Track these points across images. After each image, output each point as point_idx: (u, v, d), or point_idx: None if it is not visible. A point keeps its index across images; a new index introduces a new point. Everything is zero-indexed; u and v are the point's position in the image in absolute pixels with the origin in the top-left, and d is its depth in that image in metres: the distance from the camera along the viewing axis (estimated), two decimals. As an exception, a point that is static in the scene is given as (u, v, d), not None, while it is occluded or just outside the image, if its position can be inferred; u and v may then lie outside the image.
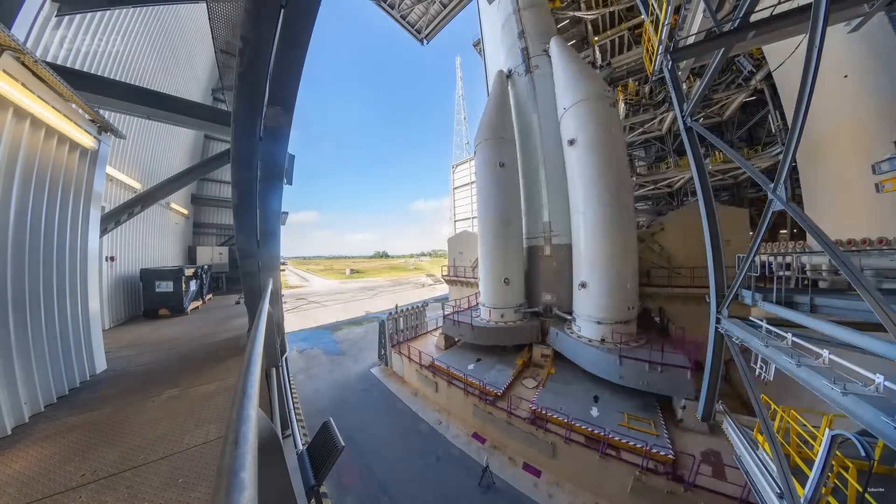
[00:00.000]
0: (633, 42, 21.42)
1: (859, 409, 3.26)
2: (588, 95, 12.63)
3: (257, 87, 2.98)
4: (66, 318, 4.47)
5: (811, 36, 4.46)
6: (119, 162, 10.79)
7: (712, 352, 7.02)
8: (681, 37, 7.91)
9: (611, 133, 12.35)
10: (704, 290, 11.03)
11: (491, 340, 14.52)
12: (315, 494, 3.31)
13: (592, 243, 11.98)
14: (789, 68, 7.10)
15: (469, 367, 13.67)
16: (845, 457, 4.13)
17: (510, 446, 10.32)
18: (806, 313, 5.01)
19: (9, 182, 3.55)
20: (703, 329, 10.76)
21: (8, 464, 2.76)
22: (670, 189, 25.39)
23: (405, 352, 16.19)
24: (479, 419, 11.36)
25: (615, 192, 11.77)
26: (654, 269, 13.46)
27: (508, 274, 14.80)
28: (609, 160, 12.00)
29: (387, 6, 21.47)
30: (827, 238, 4.32)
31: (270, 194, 4.00)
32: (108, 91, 5.22)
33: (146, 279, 10.48)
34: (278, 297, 5.08)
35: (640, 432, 8.61)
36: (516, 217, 15.66)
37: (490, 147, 15.52)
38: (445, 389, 13.13)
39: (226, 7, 5.89)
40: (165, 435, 3.22)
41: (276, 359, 4.43)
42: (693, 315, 12.08)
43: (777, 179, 5.05)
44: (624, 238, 11.76)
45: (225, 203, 22.24)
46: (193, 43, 16.93)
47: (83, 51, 8.08)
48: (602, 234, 11.80)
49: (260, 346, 1.67)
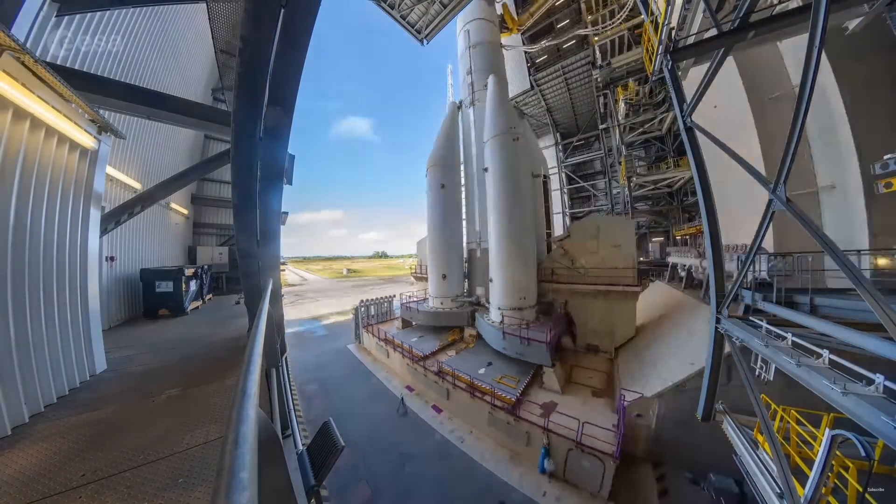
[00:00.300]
0: (633, 42, 21.43)
1: (859, 409, 3.26)
2: (498, 132, 15.55)
3: (257, 87, 2.98)
4: (66, 318, 4.47)
5: (811, 36, 4.46)
6: (119, 162, 10.79)
7: (712, 352, 7.01)
8: (681, 37, 7.92)
9: (512, 164, 15.27)
10: (601, 287, 14.23)
11: (431, 322, 18.75)
12: (315, 494, 3.31)
13: (496, 249, 15.43)
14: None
15: (412, 340, 18.05)
16: (845, 457, 4.14)
17: (426, 393, 14.42)
18: (806, 313, 5.02)
19: (9, 182, 3.55)
20: (599, 317, 14.46)
21: (8, 464, 2.76)
22: (670, 189, 25.40)
23: (372, 331, 20.62)
24: (409, 374, 15.74)
25: (512, 211, 15.02)
26: (559, 269, 16.40)
27: (446, 271, 18.70)
28: (509, 186, 15.13)
29: (387, 6, 21.47)
30: (827, 238, 4.32)
31: (270, 194, 4.00)
32: (108, 91, 5.22)
33: (146, 279, 10.49)
34: (278, 297, 5.08)
35: (506, 386, 12.10)
36: (456, 227, 19.51)
37: (435, 171, 19.12)
38: (393, 355, 17.52)
39: (226, 7, 5.89)
40: (165, 435, 3.22)
41: (276, 359, 4.42)
42: (591, 307, 14.82)
43: (777, 179, 5.05)
44: (518, 246, 14.98)
45: (225, 203, 22.25)
46: (193, 43, 16.94)
47: (83, 51, 8.09)
48: (502, 243, 15.13)
49: (260, 346, 1.67)
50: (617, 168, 26.00)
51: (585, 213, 31.58)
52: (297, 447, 4.03)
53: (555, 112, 31.33)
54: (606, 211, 29.38)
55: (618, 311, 14.10)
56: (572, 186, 32.13)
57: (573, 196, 32.77)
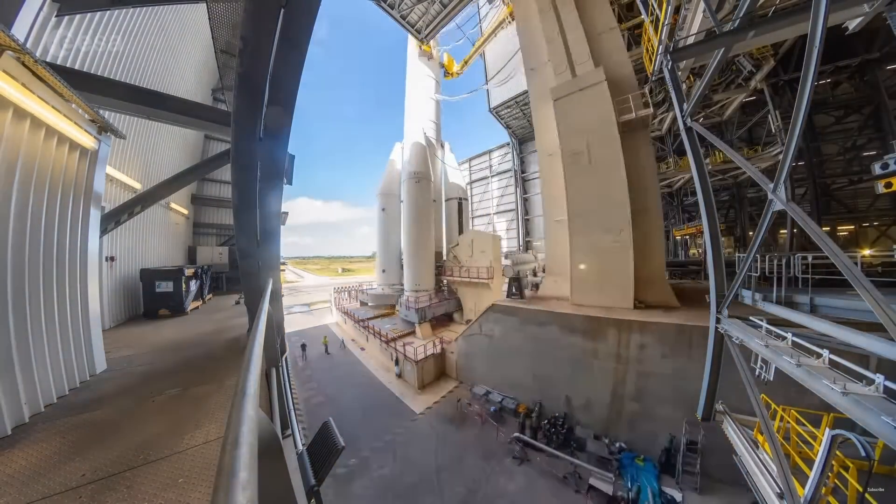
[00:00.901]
0: (633, 42, 21.39)
1: (859, 409, 3.26)
2: (407, 178, 24.59)
3: (257, 87, 2.98)
4: (66, 319, 4.47)
5: (811, 36, 4.47)
6: (119, 162, 10.79)
7: (712, 352, 7.02)
8: (681, 37, 7.92)
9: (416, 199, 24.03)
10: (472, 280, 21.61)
11: (374, 302, 28.27)
12: (315, 494, 3.31)
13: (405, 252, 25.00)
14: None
15: (360, 312, 27.70)
16: (845, 457, 4.14)
17: (359, 340, 24.99)
18: (806, 313, 5.02)
19: (9, 182, 3.55)
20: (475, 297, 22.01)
21: (8, 464, 2.76)
22: (670, 189, 25.39)
23: (341, 309, 31.07)
24: (353, 331, 26.80)
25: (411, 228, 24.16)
26: (454, 267, 23.99)
27: (385, 267, 28.49)
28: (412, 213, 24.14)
29: (387, 6, 21.45)
30: (828, 239, 4.32)
31: (270, 194, 3.99)
32: (108, 91, 5.21)
33: (146, 279, 10.48)
34: (278, 297, 5.08)
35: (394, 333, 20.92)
36: (395, 236, 27.88)
37: (380, 199, 28.66)
38: (349, 322, 27.61)
39: (226, 7, 5.88)
40: (165, 435, 3.22)
41: (276, 359, 4.42)
42: (469, 293, 23.01)
43: (777, 179, 5.06)
44: (417, 248, 23.90)
45: (225, 203, 22.25)
46: (194, 43, 16.93)
47: (83, 51, 8.08)
48: (408, 248, 24.49)
49: (260, 346, 1.67)
50: (617, 168, 25.95)
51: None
52: (297, 447, 4.04)
53: (555, 112, 31.34)
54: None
55: (481, 295, 21.13)
56: (572, 186, 32.13)
57: (573, 196, 32.76)
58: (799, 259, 5.43)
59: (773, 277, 5.65)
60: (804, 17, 5.12)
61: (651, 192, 13.83)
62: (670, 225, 26.60)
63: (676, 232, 24.85)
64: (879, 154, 14.21)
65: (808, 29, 4.51)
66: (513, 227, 36.01)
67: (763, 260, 5.98)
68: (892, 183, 6.00)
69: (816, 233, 4.46)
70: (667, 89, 17.68)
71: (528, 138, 35.92)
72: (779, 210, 5.13)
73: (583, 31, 15.62)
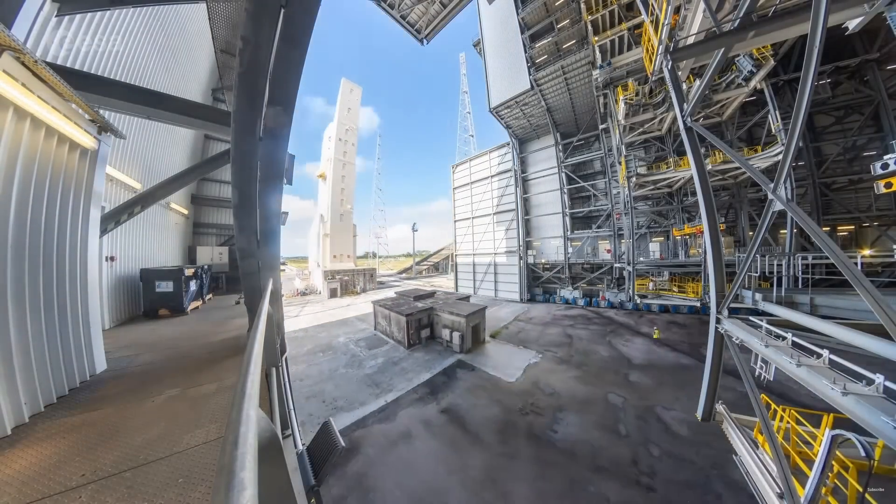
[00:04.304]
0: (633, 42, 21.40)
1: (859, 409, 3.26)
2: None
3: (257, 87, 2.98)
4: (66, 318, 4.47)
5: (811, 35, 4.47)
6: (119, 162, 10.79)
7: (712, 351, 7.01)
8: (681, 37, 7.91)
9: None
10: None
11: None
12: (315, 494, 3.31)
13: None
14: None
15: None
16: (845, 457, 4.14)
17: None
18: (806, 313, 5.02)
19: (9, 182, 3.55)
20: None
21: (8, 464, 2.76)
22: (670, 189, 25.39)
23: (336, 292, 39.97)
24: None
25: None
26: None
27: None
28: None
29: (386, 6, 21.43)
30: (828, 239, 4.32)
31: (270, 194, 3.99)
32: (108, 91, 5.21)
33: (146, 279, 10.47)
34: (278, 296, 5.07)
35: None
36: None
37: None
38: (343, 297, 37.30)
39: (226, 7, 5.89)
40: (165, 435, 3.22)
41: (276, 359, 4.42)
42: None
43: (777, 179, 5.06)
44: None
45: (225, 203, 22.24)
46: (194, 43, 16.93)
47: (83, 51, 8.08)
48: None
49: (260, 346, 1.67)
50: (617, 168, 25.97)
51: (585, 212, 31.59)
52: (297, 447, 4.04)
53: (555, 112, 31.32)
54: (607, 211, 29.33)
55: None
56: (572, 186, 32.11)
57: (573, 196, 32.76)
58: (799, 259, 5.42)
59: (773, 277, 5.65)
60: (804, 17, 5.13)
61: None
62: (670, 225, 26.59)
63: (676, 232, 24.84)
64: (879, 154, 14.22)
65: (808, 29, 4.51)
66: (513, 227, 36.00)
67: (763, 259, 5.98)
68: (892, 183, 6.00)
69: (816, 233, 4.46)
70: (667, 89, 17.69)
71: (529, 138, 35.91)
72: (779, 210, 5.13)
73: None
